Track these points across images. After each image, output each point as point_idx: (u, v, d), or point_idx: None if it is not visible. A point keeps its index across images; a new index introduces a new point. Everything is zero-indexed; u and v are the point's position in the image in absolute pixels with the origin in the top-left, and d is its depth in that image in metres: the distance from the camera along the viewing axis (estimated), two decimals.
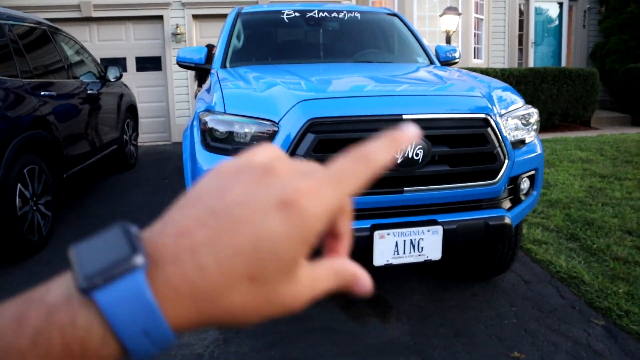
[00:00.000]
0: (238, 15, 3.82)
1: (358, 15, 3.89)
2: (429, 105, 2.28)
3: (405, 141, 0.35)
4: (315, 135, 2.11)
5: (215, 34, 9.14)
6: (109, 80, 6.01)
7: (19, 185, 3.69)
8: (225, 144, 2.30)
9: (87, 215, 4.73)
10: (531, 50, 11.40)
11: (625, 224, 4.07)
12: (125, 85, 6.83)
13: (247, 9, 3.94)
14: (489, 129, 2.31)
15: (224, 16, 9.02)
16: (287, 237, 0.31)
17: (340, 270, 0.36)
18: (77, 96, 4.96)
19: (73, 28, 7.81)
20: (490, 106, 2.37)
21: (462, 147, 2.28)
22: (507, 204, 2.55)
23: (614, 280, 3.16)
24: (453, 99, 2.36)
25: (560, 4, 11.89)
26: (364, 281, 0.37)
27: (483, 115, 2.30)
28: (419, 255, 2.26)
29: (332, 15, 3.83)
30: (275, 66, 3.21)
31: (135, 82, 8.32)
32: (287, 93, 2.31)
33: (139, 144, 7.50)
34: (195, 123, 2.54)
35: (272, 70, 2.99)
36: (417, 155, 2.18)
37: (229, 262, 0.30)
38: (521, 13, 11.40)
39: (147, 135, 8.85)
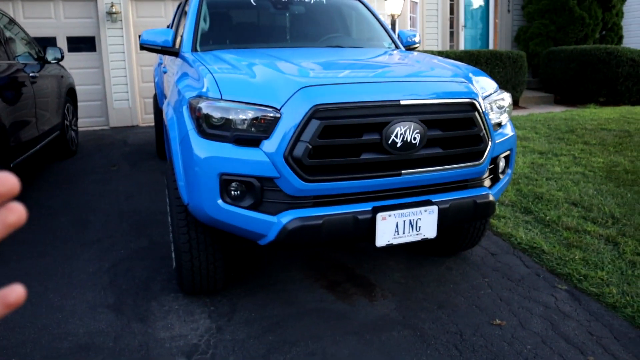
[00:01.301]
0: None
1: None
2: (423, 91, 2.38)
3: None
4: (320, 122, 2.15)
5: (152, 14, 8.79)
6: (48, 62, 5.66)
7: None
8: (223, 131, 2.28)
9: (39, 206, 4.49)
10: (462, 33, 11.87)
11: (569, 196, 4.43)
12: (63, 67, 6.45)
13: None
14: (476, 113, 2.45)
15: None
16: None
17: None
18: (19, 79, 4.65)
19: None
20: (476, 91, 2.51)
21: (453, 130, 2.41)
22: (488, 183, 2.72)
23: (570, 248, 3.46)
24: (443, 85, 2.48)
25: None
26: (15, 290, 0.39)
27: (471, 100, 2.44)
28: (417, 234, 2.38)
29: None
30: (252, 50, 3.19)
31: (68, 63, 7.83)
32: (286, 79, 2.32)
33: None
34: (184, 109, 2.49)
35: (252, 54, 2.97)
36: (414, 139, 2.28)
37: None
38: None
39: (83, 120, 8.41)
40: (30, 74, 4.96)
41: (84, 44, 8.54)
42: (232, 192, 2.28)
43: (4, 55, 4.59)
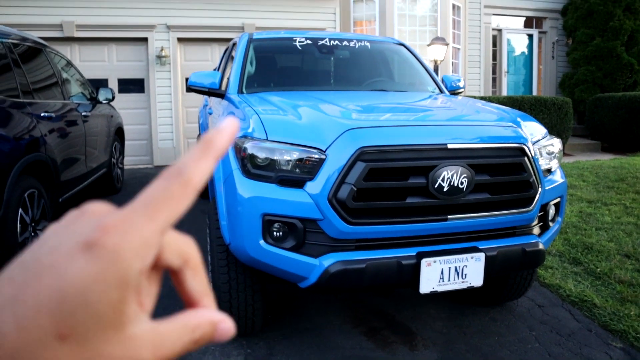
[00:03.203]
0: (250, 41, 3.84)
1: (368, 44, 3.97)
2: (471, 135, 2.34)
3: (221, 143, 0.32)
4: (366, 164, 2.13)
5: (199, 58, 9.13)
6: (100, 102, 5.90)
7: (19, 210, 3.56)
8: (267, 171, 2.29)
9: None
10: (504, 79, 11.82)
11: (622, 247, 4.22)
12: (113, 107, 6.72)
13: (258, 35, 3.97)
14: (526, 158, 2.39)
15: (209, 40, 9.10)
16: (97, 282, 0.26)
17: (195, 322, 0.31)
18: (73, 118, 4.85)
19: (54, 48, 7.67)
20: (525, 136, 2.45)
21: (502, 175, 2.34)
22: (537, 231, 2.62)
23: (624, 303, 3.26)
24: (491, 129, 2.43)
25: (530, 36, 12.40)
26: (225, 325, 0.33)
27: (520, 145, 2.38)
28: (463, 282, 2.29)
29: (343, 43, 3.90)
30: (297, 93, 3.23)
31: (118, 104, 8.16)
32: (331, 121, 2.33)
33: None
34: (229, 149, 2.51)
35: (297, 96, 3.01)
36: (462, 183, 2.23)
37: (31, 320, 0.26)
38: (494, 44, 11.83)
39: (129, 158, 8.69)
40: (83, 113, 5.17)
41: (133, 85, 8.92)
42: (275, 233, 2.26)
43: (59, 95, 4.81)
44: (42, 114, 4.12)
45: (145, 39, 8.80)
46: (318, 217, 2.18)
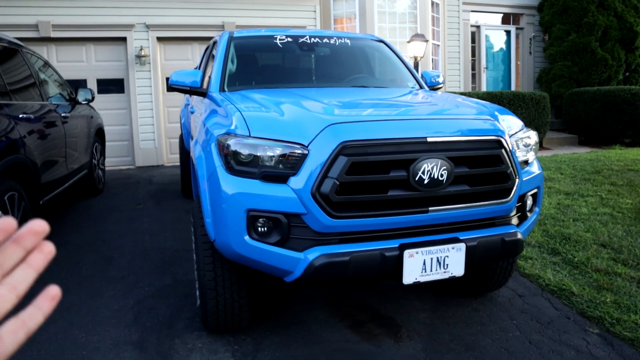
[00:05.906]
0: (231, 39, 3.85)
1: (348, 41, 4.01)
2: (450, 128, 2.39)
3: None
4: (348, 158, 2.17)
5: (180, 57, 9.09)
6: (79, 103, 5.85)
7: (0, 213, 3.53)
8: (250, 168, 2.31)
9: (65, 243, 4.56)
10: (483, 75, 11.97)
11: (598, 237, 4.33)
12: (93, 108, 6.66)
13: (238, 33, 3.98)
14: (503, 151, 2.45)
15: (189, 39, 9.06)
16: None
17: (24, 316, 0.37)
18: (52, 119, 4.81)
19: (31, 49, 7.56)
20: (502, 129, 2.51)
21: (480, 167, 2.40)
22: (515, 221, 2.69)
23: (600, 290, 3.35)
24: (470, 122, 2.49)
25: (508, 32, 12.58)
26: (52, 292, 0.38)
27: (498, 138, 2.44)
28: (444, 272, 2.35)
29: (324, 41, 3.93)
30: (279, 90, 3.26)
31: (97, 104, 8.08)
32: (313, 116, 2.36)
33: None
34: (212, 146, 2.53)
35: (279, 93, 3.04)
36: (442, 176, 2.28)
37: None
38: (473, 40, 11.98)
39: (110, 160, 8.61)
40: (62, 115, 5.13)
41: (113, 85, 8.84)
42: (259, 229, 2.28)
43: (37, 96, 4.77)
44: (20, 116, 4.08)
45: (124, 39, 8.73)
46: (302, 212, 2.22)
